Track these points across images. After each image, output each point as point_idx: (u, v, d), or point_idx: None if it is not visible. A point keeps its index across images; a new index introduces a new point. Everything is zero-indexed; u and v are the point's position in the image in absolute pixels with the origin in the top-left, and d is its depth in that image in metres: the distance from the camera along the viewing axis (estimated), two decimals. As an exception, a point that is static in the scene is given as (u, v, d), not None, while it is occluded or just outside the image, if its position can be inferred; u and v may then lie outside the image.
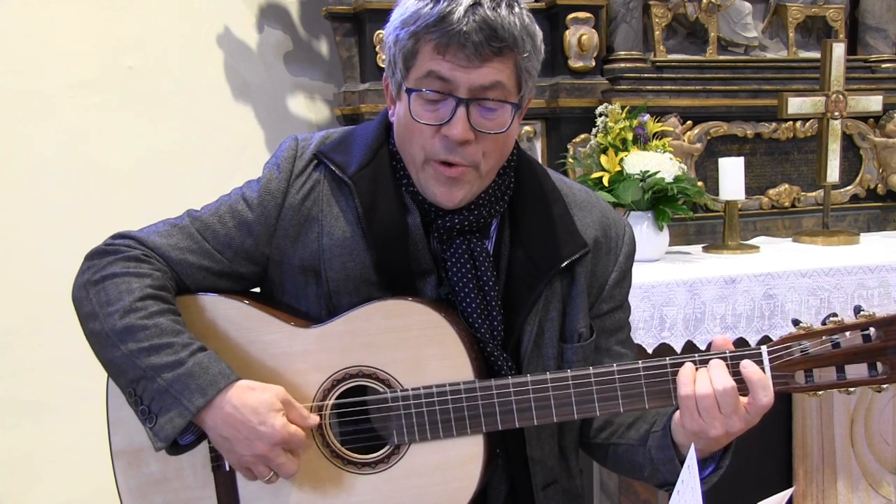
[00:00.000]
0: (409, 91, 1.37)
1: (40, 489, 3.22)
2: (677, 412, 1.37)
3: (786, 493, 1.16)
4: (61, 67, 3.16)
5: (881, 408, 2.91)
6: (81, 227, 3.08)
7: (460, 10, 1.31)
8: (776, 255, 2.90)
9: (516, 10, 1.35)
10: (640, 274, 2.55)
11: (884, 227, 3.50)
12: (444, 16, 1.31)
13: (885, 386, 1.33)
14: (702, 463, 1.39)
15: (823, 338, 1.32)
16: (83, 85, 3.18)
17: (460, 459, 1.40)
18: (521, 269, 1.48)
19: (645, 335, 2.51)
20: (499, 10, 1.32)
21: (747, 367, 1.32)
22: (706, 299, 2.55)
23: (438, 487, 1.40)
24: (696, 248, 3.06)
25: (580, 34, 3.02)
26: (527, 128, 3.09)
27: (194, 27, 3.31)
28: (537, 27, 1.40)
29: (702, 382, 1.31)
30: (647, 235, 2.74)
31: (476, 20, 1.30)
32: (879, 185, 3.49)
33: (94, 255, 1.48)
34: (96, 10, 3.19)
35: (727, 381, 1.30)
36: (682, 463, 1.38)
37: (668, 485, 1.44)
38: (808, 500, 2.88)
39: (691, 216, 3.02)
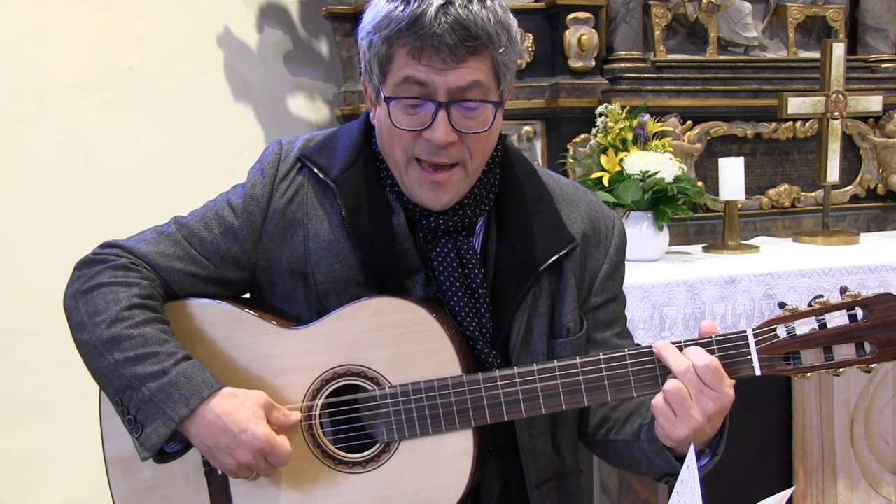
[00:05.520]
0: (387, 99, 1.36)
1: (40, 489, 3.22)
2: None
3: (786, 493, 1.16)
4: (61, 67, 3.16)
5: (881, 407, 2.91)
6: (81, 226, 3.08)
7: (431, 11, 1.29)
8: (776, 255, 2.90)
9: (488, 3, 1.33)
10: (640, 274, 2.56)
11: (884, 227, 3.50)
12: (416, 18, 1.29)
13: (873, 365, 1.32)
14: (698, 454, 1.38)
15: (809, 319, 1.32)
16: (83, 85, 3.18)
17: (450, 456, 1.40)
18: (508, 266, 1.48)
19: (645, 335, 2.50)
20: (470, 7, 1.30)
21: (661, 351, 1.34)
22: (706, 299, 2.55)
23: (430, 484, 1.40)
24: (696, 248, 3.06)
25: (580, 34, 3.02)
26: (527, 128, 3.09)
27: (194, 27, 3.31)
28: (511, 17, 1.38)
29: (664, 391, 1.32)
30: (647, 235, 2.74)
31: (448, 21, 1.29)
32: (879, 185, 3.49)
33: (83, 265, 1.49)
34: (96, 10, 3.19)
35: (682, 362, 1.31)
36: (670, 451, 1.38)
37: (667, 475, 1.44)
38: (808, 500, 2.87)
39: (691, 216, 3.02)
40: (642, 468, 1.50)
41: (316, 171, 1.48)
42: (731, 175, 2.95)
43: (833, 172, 3.12)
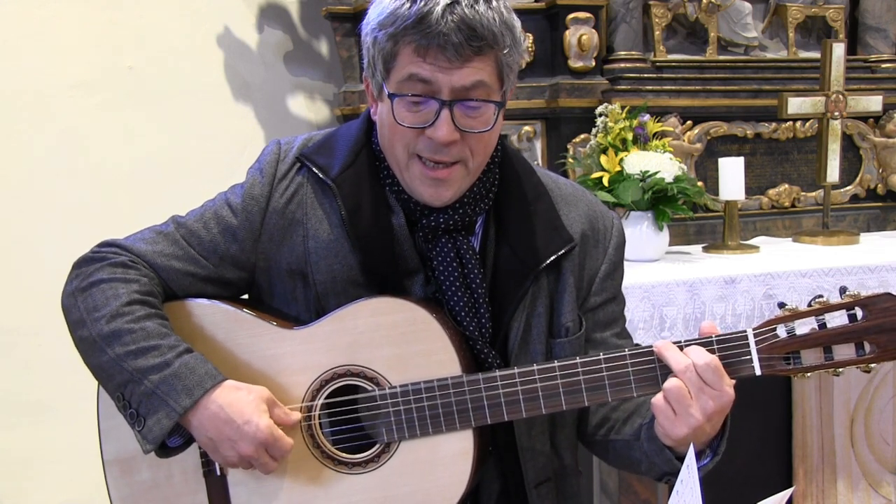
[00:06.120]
0: (391, 96, 1.36)
1: (40, 489, 3.22)
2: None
3: (786, 493, 1.16)
4: (61, 67, 3.16)
5: (881, 408, 2.91)
6: (81, 226, 3.07)
7: (438, 10, 1.29)
8: (776, 255, 2.90)
9: (494, 3, 1.33)
10: (640, 274, 2.56)
11: (884, 227, 3.50)
12: (423, 16, 1.29)
13: (873, 365, 1.33)
14: (699, 454, 1.38)
15: (809, 319, 1.32)
16: (83, 85, 3.18)
17: (450, 456, 1.40)
18: (507, 265, 1.48)
19: (645, 335, 2.50)
20: (477, 7, 1.31)
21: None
22: (706, 299, 2.55)
23: (430, 484, 1.40)
24: (696, 248, 3.06)
25: (580, 34, 3.02)
26: (527, 128, 3.09)
27: (194, 27, 3.31)
28: (515, 17, 1.39)
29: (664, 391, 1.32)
30: (647, 235, 2.74)
31: (454, 20, 1.29)
32: (879, 185, 3.49)
33: (82, 263, 1.49)
34: (96, 10, 3.19)
35: (682, 361, 1.30)
36: (671, 451, 1.38)
37: (667, 475, 1.43)
38: (808, 500, 2.87)
39: (691, 216, 3.02)
40: (642, 468, 1.49)
41: (315, 170, 1.48)
42: (731, 175, 2.95)
43: (833, 172, 3.12)
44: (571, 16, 3.03)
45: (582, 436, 1.63)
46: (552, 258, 1.48)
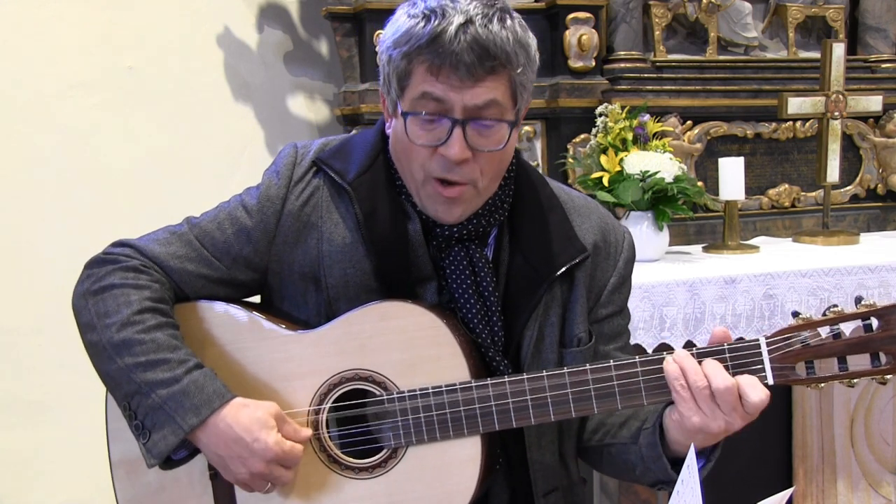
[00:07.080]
0: (405, 114, 1.36)
1: (40, 489, 3.22)
2: (671, 409, 1.35)
3: (786, 493, 1.16)
4: (61, 67, 3.15)
5: (881, 408, 2.92)
6: (81, 226, 3.08)
7: (451, 30, 1.29)
8: (776, 255, 2.90)
9: (508, 23, 1.34)
10: (640, 274, 2.55)
11: (884, 227, 3.50)
12: (436, 36, 1.30)
13: (888, 377, 1.30)
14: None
15: (823, 328, 1.30)
16: (83, 85, 3.18)
17: (458, 461, 1.39)
18: (520, 274, 1.48)
19: (645, 335, 2.51)
20: (490, 27, 1.31)
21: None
22: (706, 299, 2.55)
23: (436, 490, 1.39)
24: (696, 248, 3.06)
25: (580, 34, 3.02)
26: (527, 128, 3.09)
27: (194, 27, 3.31)
28: (531, 36, 1.39)
29: (697, 375, 1.29)
30: (647, 235, 2.74)
31: (467, 40, 1.29)
32: (879, 185, 3.49)
33: (94, 264, 1.48)
34: (96, 10, 3.19)
35: (727, 380, 1.28)
36: (669, 460, 1.38)
37: (660, 483, 1.43)
38: (808, 500, 2.88)
39: (691, 216, 3.02)
40: (636, 472, 1.48)
41: (332, 174, 1.48)
42: (731, 175, 2.95)
43: (833, 172, 3.12)
44: (571, 16, 3.03)
45: (578, 442, 1.62)
46: (565, 267, 1.48)
